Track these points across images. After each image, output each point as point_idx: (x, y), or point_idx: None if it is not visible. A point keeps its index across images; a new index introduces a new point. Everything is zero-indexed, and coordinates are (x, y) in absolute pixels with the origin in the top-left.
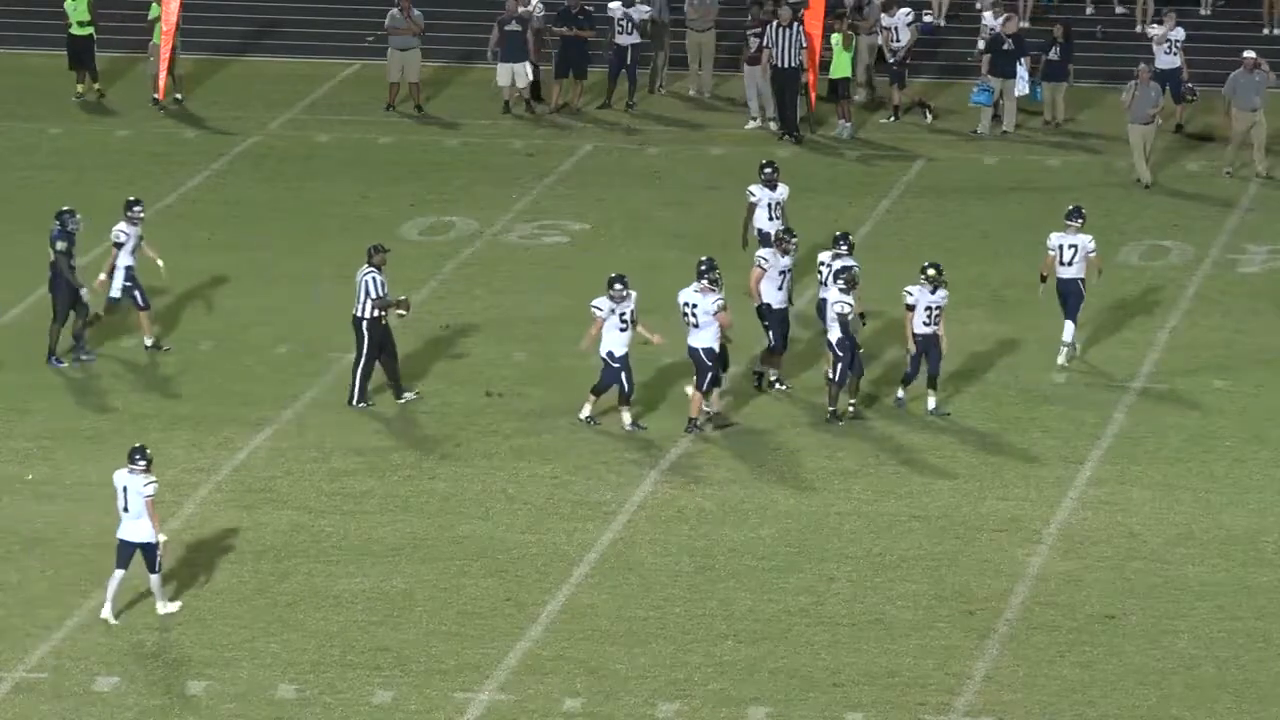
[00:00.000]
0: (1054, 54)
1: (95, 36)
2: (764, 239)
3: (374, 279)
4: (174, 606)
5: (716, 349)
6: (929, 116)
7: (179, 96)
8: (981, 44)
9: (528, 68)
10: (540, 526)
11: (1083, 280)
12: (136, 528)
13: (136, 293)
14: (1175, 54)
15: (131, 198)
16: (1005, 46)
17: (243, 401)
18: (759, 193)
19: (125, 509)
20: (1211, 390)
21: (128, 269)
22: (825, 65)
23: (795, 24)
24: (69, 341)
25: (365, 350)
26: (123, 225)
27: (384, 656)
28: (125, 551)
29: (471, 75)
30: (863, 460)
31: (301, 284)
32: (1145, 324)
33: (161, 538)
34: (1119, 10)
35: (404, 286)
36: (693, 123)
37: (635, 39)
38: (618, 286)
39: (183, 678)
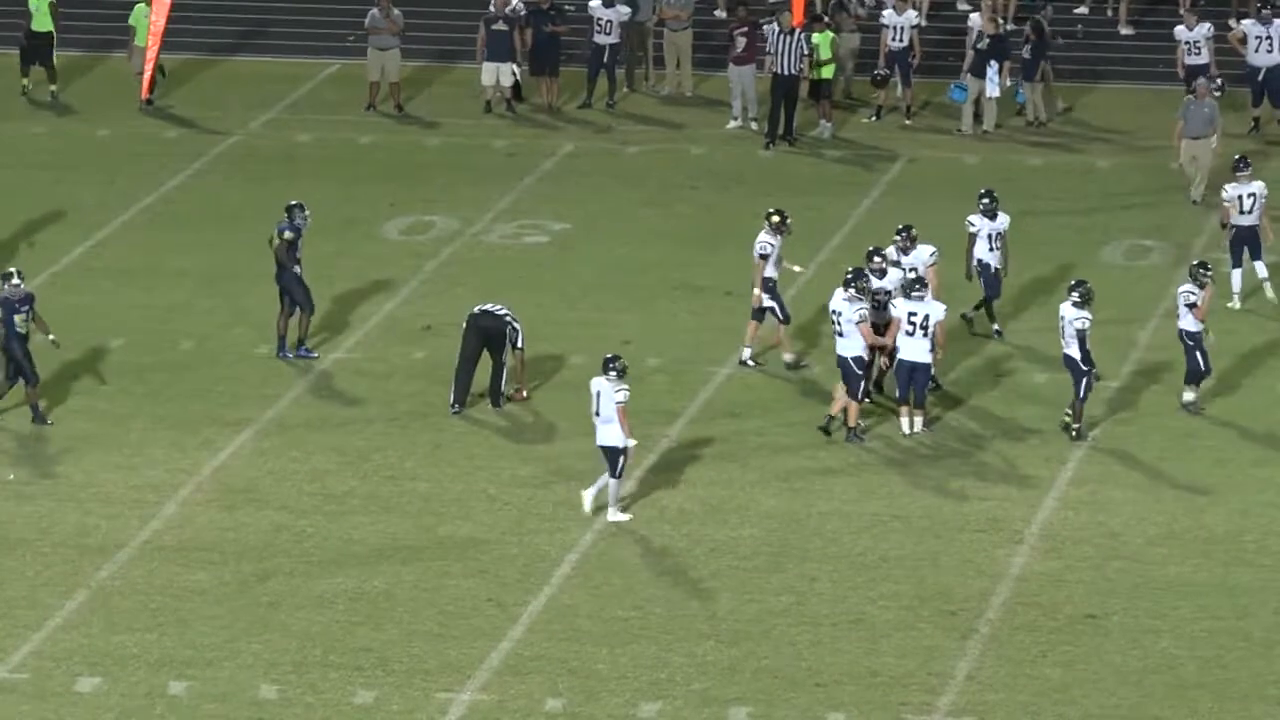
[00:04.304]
0: (1025, 53)
1: (55, 35)
2: (984, 269)
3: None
4: (624, 517)
5: (866, 357)
6: (909, 118)
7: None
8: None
9: (512, 68)
10: (522, 527)
11: (1259, 227)
12: (608, 432)
13: (775, 305)
14: (1273, 50)
15: (774, 207)
16: (979, 45)
17: (224, 402)
18: (979, 223)
19: (597, 413)
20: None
21: (765, 279)
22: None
23: (796, 31)
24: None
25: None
26: (765, 236)
27: (366, 657)
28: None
29: (452, 75)
30: (844, 460)
31: None
32: (1127, 323)
33: (631, 443)
34: (1079, 10)
35: (385, 286)
36: (673, 122)
37: (615, 39)
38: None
39: (164, 678)
